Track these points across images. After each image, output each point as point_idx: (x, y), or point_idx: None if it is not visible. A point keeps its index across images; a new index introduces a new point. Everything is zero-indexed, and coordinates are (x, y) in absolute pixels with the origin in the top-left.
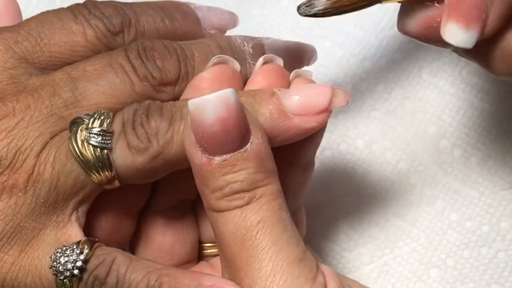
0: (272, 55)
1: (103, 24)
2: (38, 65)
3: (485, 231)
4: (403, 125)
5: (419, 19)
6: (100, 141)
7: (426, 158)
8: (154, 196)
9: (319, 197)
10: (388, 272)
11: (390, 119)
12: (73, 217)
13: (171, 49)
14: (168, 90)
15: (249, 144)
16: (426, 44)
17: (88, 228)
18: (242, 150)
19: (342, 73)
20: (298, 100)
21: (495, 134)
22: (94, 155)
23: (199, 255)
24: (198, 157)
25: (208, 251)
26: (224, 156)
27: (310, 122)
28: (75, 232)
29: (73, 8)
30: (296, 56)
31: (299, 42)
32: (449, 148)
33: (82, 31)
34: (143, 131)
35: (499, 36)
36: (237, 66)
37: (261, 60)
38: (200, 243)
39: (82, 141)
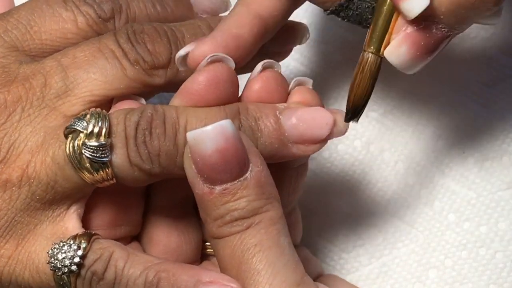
0: (271, 61)
1: (93, 11)
2: (28, 53)
3: (483, 231)
4: (400, 125)
5: None
6: (99, 156)
7: (423, 159)
8: (155, 193)
9: (317, 199)
10: (387, 273)
11: (388, 119)
12: (71, 210)
13: (161, 32)
14: (160, 74)
15: (248, 172)
16: None
17: (94, 212)
18: (242, 178)
19: (340, 74)
20: (299, 130)
21: (492, 135)
22: (92, 166)
23: (202, 254)
24: (199, 187)
25: (210, 249)
26: (225, 185)
27: (307, 152)
28: (72, 224)
29: None
30: (289, 34)
31: (290, 20)
32: (446, 149)
33: (72, 18)
34: (146, 150)
35: None
36: (232, 64)
37: (259, 66)
38: (202, 242)
39: (80, 154)
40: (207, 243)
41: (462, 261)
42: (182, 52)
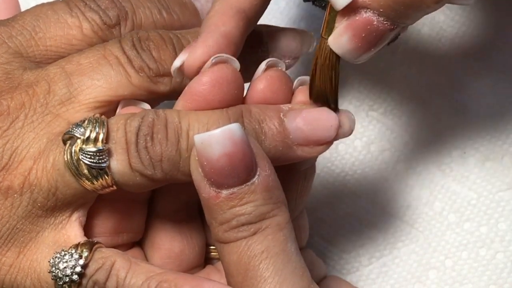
0: (275, 59)
1: (99, 17)
2: (33, 59)
3: (483, 232)
4: (401, 125)
5: None
6: (97, 161)
7: (424, 159)
8: (158, 198)
9: (318, 199)
10: (387, 273)
11: (388, 119)
12: (73, 217)
13: (166, 39)
14: (165, 81)
15: (256, 176)
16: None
17: (97, 219)
18: (249, 183)
19: (340, 74)
20: (304, 132)
21: (493, 135)
22: (91, 173)
23: (206, 258)
24: (205, 191)
25: (215, 253)
26: (231, 189)
27: (312, 154)
28: (74, 233)
29: (68, 1)
30: (296, 43)
31: (296, 28)
32: (447, 149)
33: (77, 24)
34: (147, 156)
35: None
36: (237, 65)
37: (263, 65)
38: (206, 246)
39: (78, 160)
40: (211, 247)
41: (462, 261)
42: (177, 62)
